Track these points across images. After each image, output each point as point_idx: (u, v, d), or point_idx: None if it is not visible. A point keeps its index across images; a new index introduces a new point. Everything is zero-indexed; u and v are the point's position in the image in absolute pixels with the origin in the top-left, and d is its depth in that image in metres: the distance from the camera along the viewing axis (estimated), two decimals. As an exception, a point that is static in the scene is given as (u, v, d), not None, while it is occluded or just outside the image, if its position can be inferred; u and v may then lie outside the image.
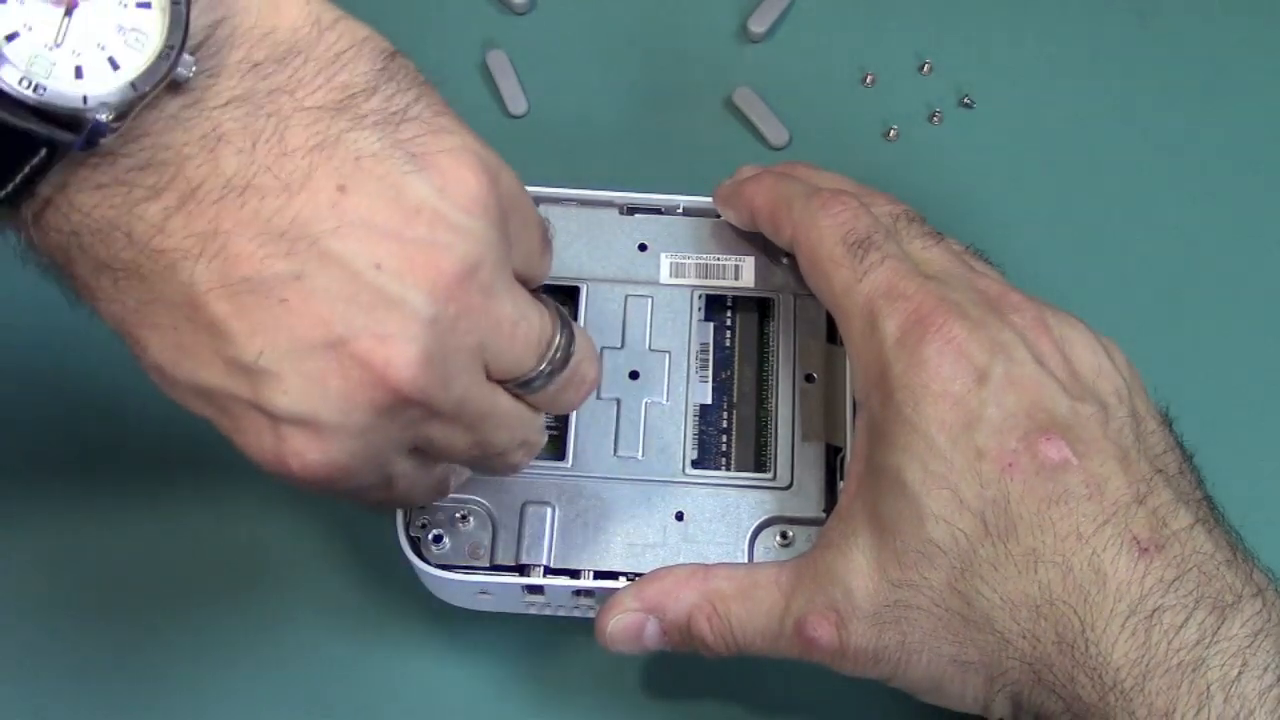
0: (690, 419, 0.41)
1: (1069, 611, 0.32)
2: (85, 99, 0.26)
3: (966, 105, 0.52)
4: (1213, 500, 0.35)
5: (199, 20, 0.27)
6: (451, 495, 0.39)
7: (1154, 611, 0.31)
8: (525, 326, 0.31)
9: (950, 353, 0.34)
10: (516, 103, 0.51)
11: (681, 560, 0.38)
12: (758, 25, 0.53)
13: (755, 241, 0.43)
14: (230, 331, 0.27)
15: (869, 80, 0.52)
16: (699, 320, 0.42)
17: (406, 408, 0.29)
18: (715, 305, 0.43)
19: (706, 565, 0.37)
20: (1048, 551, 0.32)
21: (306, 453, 0.28)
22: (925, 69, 0.53)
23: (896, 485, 0.34)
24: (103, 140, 0.27)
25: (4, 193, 0.27)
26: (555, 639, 0.42)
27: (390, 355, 0.28)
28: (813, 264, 0.38)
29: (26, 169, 0.26)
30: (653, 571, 0.37)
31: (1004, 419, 0.33)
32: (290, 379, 0.28)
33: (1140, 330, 0.39)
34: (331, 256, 0.27)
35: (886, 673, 0.34)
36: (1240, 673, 0.31)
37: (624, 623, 0.36)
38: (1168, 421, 0.36)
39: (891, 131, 0.51)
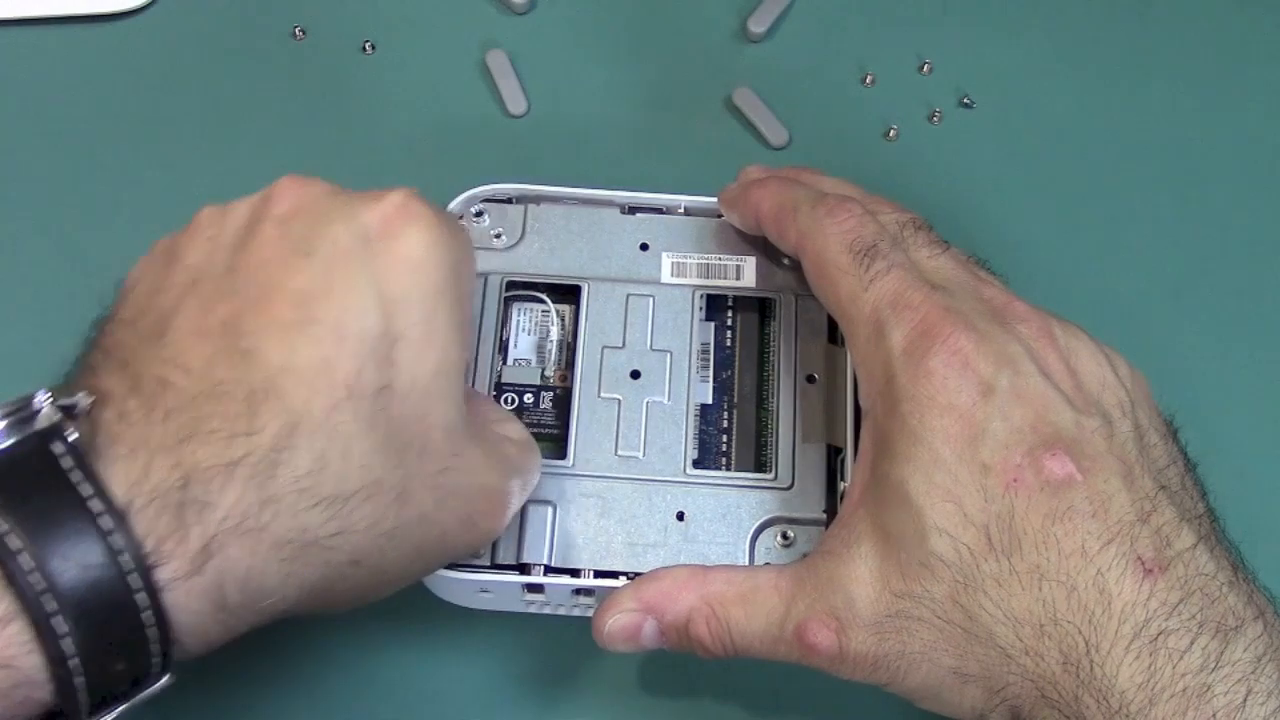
0: (691, 419, 0.41)
1: (1074, 631, 0.31)
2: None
3: (966, 105, 0.52)
4: (1214, 513, 0.35)
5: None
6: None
7: (1158, 635, 0.31)
8: None
9: (956, 364, 0.34)
10: (516, 103, 0.51)
11: (682, 560, 0.38)
12: (758, 25, 0.53)
13: (756, 242, 0.43)
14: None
15: (869, 80, 0.53)
16: (700, 320, 0.42)
17: None
18: (716, 305, 0.43)
19: (705, 567, 0.37)
20: (1052, 569, 0.32)
21: None
22: (925, 69, 0.53)
23: (900, 496, 0.34)
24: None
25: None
26: (555, 638, 0.42)
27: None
28: (818, 271, 0.38)
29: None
30: (651, 572, 0.37)
31: (1009, 433, 0.33)
32: None
33: (1140, 332, 0.39)
34: None
35: (884, 679, 0.34)
36: (1245, 699, 0.30)
37: (621, 623, 0.36)
38: (1173, 431, 0.36)
39: (891, 131, 0.51)
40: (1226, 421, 0.45)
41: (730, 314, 0.44)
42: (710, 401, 0.42)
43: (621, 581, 0.38)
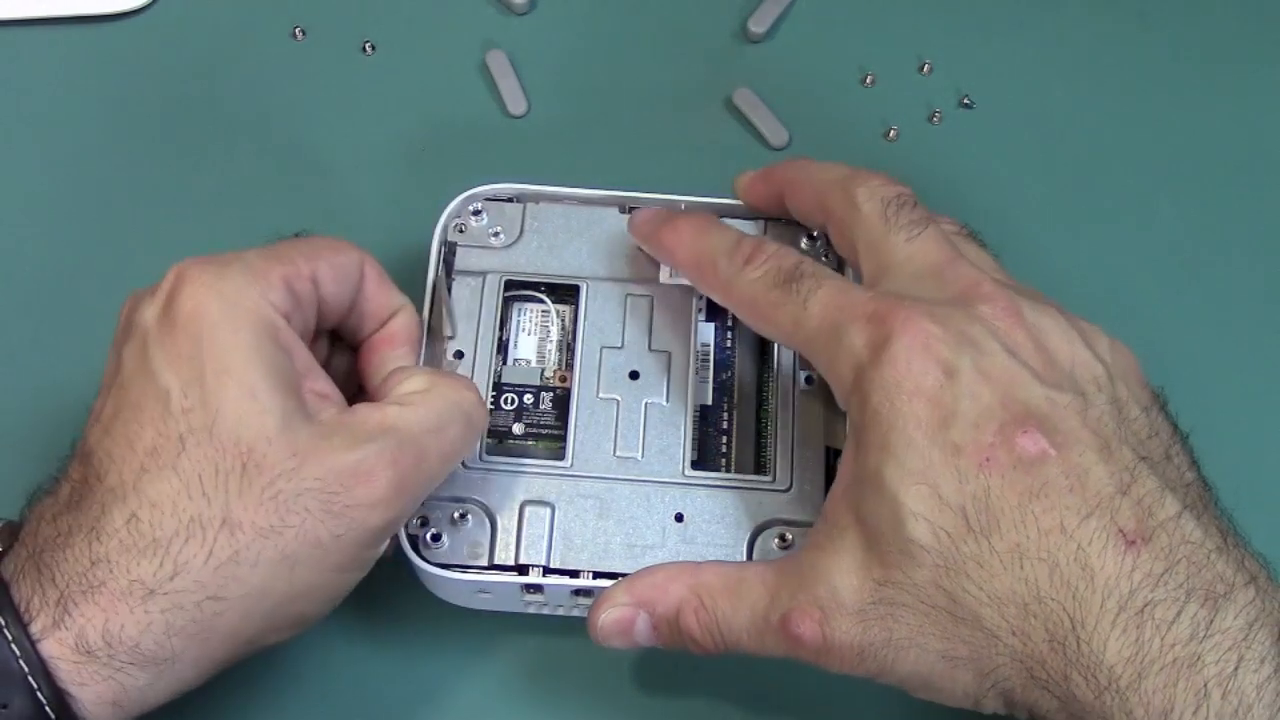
0: (690, 420, 0.41)
1: (1058, 609, 0.31)
2: None
3: (966, 105, 0.52)
4: (1205, 482, 0.34)
5: None
6: (450, 494, 0.39)
7: (1144, 607, 0.31)
8: None
9: (917, 348, 0.34)
10: (516, 103, 0.51)
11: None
12: (758, 25, 0.53)
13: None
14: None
15: (869, 80, 0.52)
16: (700, 321, 0.42)
17: None
18: (717, 306, 0.43)
19: (697, 562, 0.37)
20: (1032, 547, 0.32)
21: None
22: (925, 69, 0.53)
23: (877, 484, 0.34)
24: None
25: None
26: (553, 638, 0.42)
27: None
28: (756, 316, 0.38)
29: None
30: (645, 567, 0.37)
31: (978, 413, 0.33)
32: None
33: (1138, 328, 0.39)
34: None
35: (873, 669, 0.34)
36: (1237, 667, 0.30)
37: (614, 617, 0.36)
38: (1160, 403, 0.36)
39: (891, 131, 0.51)
40: (1216, 414, 0.44)
41: (730, 314, 0.43)
42: (710, 402, 0.42)
43: (620, 583, 0.38)
